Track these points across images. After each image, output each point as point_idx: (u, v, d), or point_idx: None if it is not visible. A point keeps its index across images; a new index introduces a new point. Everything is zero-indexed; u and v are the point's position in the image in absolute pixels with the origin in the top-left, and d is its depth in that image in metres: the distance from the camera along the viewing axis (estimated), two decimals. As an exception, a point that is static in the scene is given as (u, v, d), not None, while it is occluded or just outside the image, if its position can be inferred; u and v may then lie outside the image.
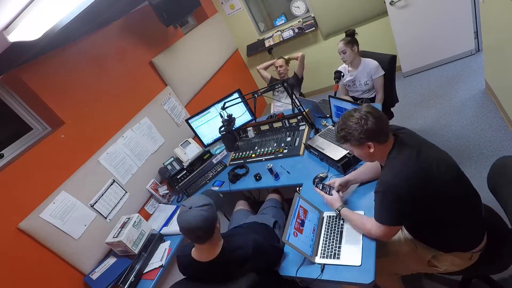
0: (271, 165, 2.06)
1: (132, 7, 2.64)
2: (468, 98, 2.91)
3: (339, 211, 1.46)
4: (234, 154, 2.53)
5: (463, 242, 1.26)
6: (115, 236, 1.93)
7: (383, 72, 2.34)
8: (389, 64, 2.38)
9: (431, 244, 1.33)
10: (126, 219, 2.03)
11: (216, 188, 2.28)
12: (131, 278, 1.78)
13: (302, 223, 1.48)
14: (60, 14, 1.14)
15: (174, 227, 2.07)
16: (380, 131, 1.18)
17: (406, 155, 1.17)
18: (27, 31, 1.11)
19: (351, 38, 2.33)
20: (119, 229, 1.96)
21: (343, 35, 2.42)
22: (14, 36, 1.09)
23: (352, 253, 1.34)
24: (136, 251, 1.92)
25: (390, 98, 2.50)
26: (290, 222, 1.42)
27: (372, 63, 2.36)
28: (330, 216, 1.55)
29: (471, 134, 2.53)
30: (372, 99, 2.48)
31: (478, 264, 1.31)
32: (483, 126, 2.53)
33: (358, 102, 2.32)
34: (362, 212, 1.47)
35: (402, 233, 1.45)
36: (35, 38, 1.18)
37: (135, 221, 2.00)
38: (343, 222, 1.49)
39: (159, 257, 1.91)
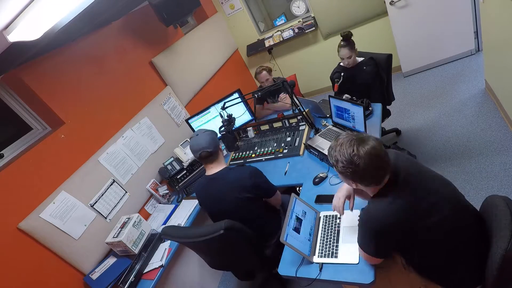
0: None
1: (132, 7, 2.64)
2: (468, 98, 2.91)
3: None
4: (234, 154, 2.53)
5: (458, 280, 1.16)
6: (115, 236, 1.93)
7: None
8: (385, 63, 2.38)
9: (424, 274, 1.24)
10: (126, 219, 2.03)
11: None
12: (131, 278, 1.78)
13: (300, 223, 1.48)
14: (60, 14, 1.14)
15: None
16: (369, 178, 1.09)
17: (398, 193, 1.09)
18: (27, 31, 1.11)
19: (351, 42, 2.32)
20: (119, 229, 1.96)
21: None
22: (14, 36, 1.09)
23: (349, 251, 1.34)
24: (136, 251, 1.92)
25: (387, 96, 2.50)
26: (288, 222, 1.42)
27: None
28: (326, 216, 1.56)
29: (471, 134, 2.53)
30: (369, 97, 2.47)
31: None
32: (483, 126, 2.53)
33: (358, 102, 2.31)
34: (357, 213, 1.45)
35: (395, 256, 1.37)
36: (35, 38, 1.18)
37: (135, 221, 2.00)
38: (340, 221, 1.50)
39: (159, 257, 1.91)
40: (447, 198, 1.12)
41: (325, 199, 1.67)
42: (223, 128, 2.10)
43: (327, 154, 1.22)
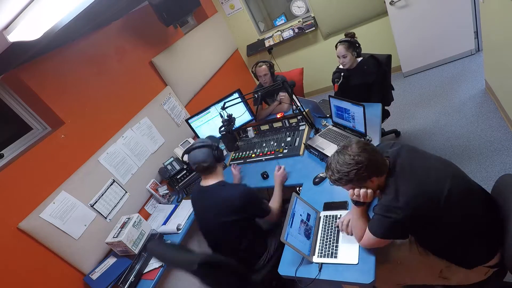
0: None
1: (132, 7, 2.64)
2: (468, 98, 2.91)
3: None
4: (234, 154, 2.53)
5: (478, 255, 1.18)
6: (115, 236, 1.93)
7: None
8: (385, 63, 2.37)
9: (444, 256, 1.26)
10: (126, 219, 2.03)
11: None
12: (131, 278, 1.78)
13: (300, 223, 1.48)
14: (60, 14, 1.14)
15: (172, 225, 2.07)
16: (381, 164, 1.17)
17: (404, 177, 1.14)
18: (27, 31, 1.11)
19: (351, 42, 2.28)
20: (119, 229, 1.96)
21: (343, 36, 2.38)
22: (14, 36, 1.09)
23: (349, 251, 1.34)
24: (136, 251, 1.92)
25: (386, 97, 2.49)
26: (288, 222, 1.42)
27: None
28: (326, 216, 1.56)
29: (471, 134, 2.53)
30: (368, 99, 2.46)
31: (492, 278, 1.24)
32: (483, 126, 2.53)
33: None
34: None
35: (410, 240, 1.39)
36: (35, 38, 1.18)
37: (135, 221, 1.99)
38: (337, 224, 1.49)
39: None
40: (456, 181, 1.15)
41: (333, 207, 1.62)
42: (223, 128, 2.10)
43: (331, 181, 1.23)
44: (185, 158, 1.79)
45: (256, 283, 1.69)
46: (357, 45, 2.28)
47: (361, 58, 2.37)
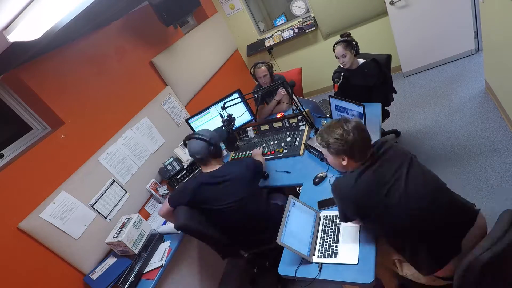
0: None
1: (132, 7, 2.64)
2: (468, 98, 2.91)
3: None
4: (234, 154, 2.53)
5: (424, 261, 1.21)
6: (115, 236, 1.93)
7: None
8: (385, 63, 2.37)
9: (393, 247, 1.33)
10: (126, 219, 2.03)
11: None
12: (131, 278, 1.78)
13: (298, 224, 1.48)
14: (60, 14, 1.14)
15: (172, 226, 2.07)
16: (358, 150, 1.24)
17: (368, 172, 1.22)
18: (27, 31, 1.11)
19: (348, 41, 2.28)
20: (119, 229, 1.96)
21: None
22: (14, 36, 1.09)
23: (349, 251, 1.35)
24: (136, 251, 1.92)
25: (386, 97, 2.49)
26: (285, 223, 1.43)
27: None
28: (326, 216, 1.56)
29: (471, 134, 2.53)
30: (368, 99, 2.46)
31: None
32: (483, 126, 2.53)
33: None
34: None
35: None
36: (35, 38, 1.18)
37: (135, 221, 1.99)
38: (340, 222, 1.49)
39: (159, 257, 1.91)
40: (420, 185, 1.19)
41: (327, 204, 1.65)
42: (223, 128, 2.10)
43: (317, 138, 1.34)
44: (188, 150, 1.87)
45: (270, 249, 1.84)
46: (354, 43, 2.29)
47: (364, 60, 2.37)
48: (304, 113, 2.21)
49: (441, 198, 1.19)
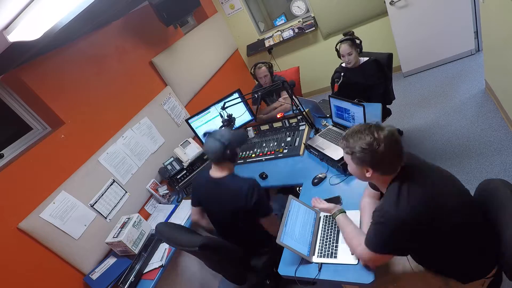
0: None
1: (132, 7, 2.64)
2: (468, 98, 2.91)
3: (335, 217, 1.43)
4: (234, 154, 2.53)
5: (476, 269, 1.14)
6: (115, 236, 1.93)
7: None
8: (387, 61, 2.37)
9: (442, 272, 1.21)
10: (126, 219, 2.03)
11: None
12: (131, 278, 1.78)
13: (297, 224, 1.48)
14: (60, 14, 1.14)
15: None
16: (387, 164, 1.08)
17: (411, 185, 1.06)
18: (27, 31, 1.11)
19: (352, 39, 2.28)
20: (119, 229, 1.96)
21: (342, 36, 2.38)
22: (14, 36, 1.09)
23: (349, 252, 1.34)
24: (136, 251, 1.92)
25: (387, 96, 2.50)
26: (285, 223, 1.43)
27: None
28: (326, 216, 1.56)
29: (471, 134, 2.53)
30: (368, 99, 2.46)
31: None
32: (483, 126, 2.53)
33: (355, 100, 2.30)
34: (357, 213, 1.46)
35: (408, 258, 1.31)
36: (35, 38, 1.18)
37: (135, 221, 2.00)
38: None
39: (159, 257, 1.91)
40: (456, 192, 1.11)
41: (330, 202, 1.61)
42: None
43: (341, 142, 1.17)
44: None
45: (256, 267, 1.77)
46: (358, 41, 2.29)
47: (366, 59, 2.36)
48: (304, 113, 2.21)
49: (469, 194, 1.17)
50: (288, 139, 2.34)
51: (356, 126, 1.14)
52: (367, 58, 2.36)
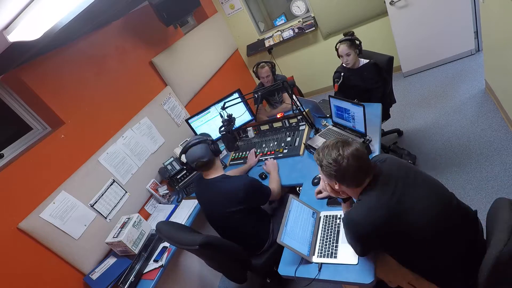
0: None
1: (132, 7, 2.64)
2: (468, 98, 2.91)
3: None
4: (234, 154, 2.53)
5: (455, 277, 1.15)
6: (115, 236, 1.93)
7: None
8: (387, 65, 2.37)
9: (413, 269, 1.26)
10: (126, 219, 2.03)
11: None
12: (131, 278, 1.78)
13: (298, 224, 1.48)
14: (60, 14, 1.14)
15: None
16: (351, 178, 1.17)
17: (378, 196, 1.14)
18: (27, 31, 1.11)
19: (352, 40, 2.27)
20: (119, 229, 1.96)
21: (342, 36, 2.38)
22: (14, 36, 1.09)
23: (349, 252, 1.34)
24: (136, 251, 1.92)
25: (388, 99, 2.49)
26: (285, 223, 1.43)
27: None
28: (327, 216, 1.56)
29: (471, 134, 2.53)
30: (368, 99, 2.46)
31: None
32: (483, 126, 2.53)
33: (355, 100, 2.31)
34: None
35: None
36: (35, 38, 1.18)
37: (135, 221, 1.99)
38: (340, 221, 1.50)
39: (159, 257, 1.91)
40: (434, 201, 1.13)
41: (336, 201, 1.61)
42: (223, 128, 2.10)
43: (315, 154, 1.26)
44: (183, 158, 1.80)
45: (256, 266, 1.78)
46: (358, 42, 2.29)
47: (367, 61, 2.35)
48: (304, 113, 2.21)
49: (451, 201, 1.18)
50: (288, 139, 2.34)
51: (328, 141, 1.24)
52: (367, 61, 2.35)
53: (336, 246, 1.40)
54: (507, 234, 0.95)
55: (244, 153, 2.47)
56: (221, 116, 2.13)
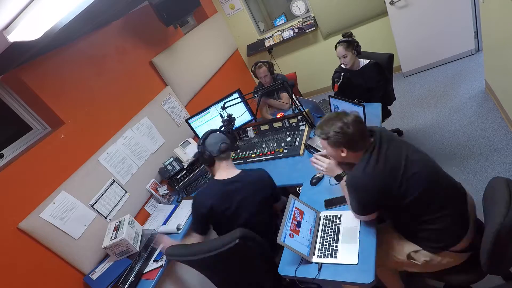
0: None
1: (132, 7, 2.64)
2: (468, 98, 2.91)
3: (340, 180, 1.50)
4: (234, 154, 2.53)
5: (439, 237, 1.28)
6: (113, 238, 1.90)
7: None
8: (387, 63, 2.37)
9: (410, 237, 1.37)
10: (117, 223, 2.00)
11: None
12: (131, 278, 1.77)
13: (298, 224, 1.48)
14: (60, 14, 1.14)
15: (172, 225, 2.07)
16: (357, 141, 1.30)
17: (378, 156, 1.26)
18: (27, 31, 1.11)
19: (349, 41, 2.27)
20: (114, 232, 1.94)
21: (341, 37, 2.38)
22: (14, 36, 1.09)
23: (348, 252, 1.34)
24: (138, 248, 1.92)
25: (388, 97, 2.49)
26: (285, 223, 1.42)
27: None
28: (326, 216, 1.56)
29: (471, 134, 2.53)
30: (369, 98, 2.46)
31: (458, 268, 1.33)
32: (483, 126, 2.53)
33: (355, 100, 2.31)
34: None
35: (388, 223, 1.51)
36: (35, 38, 1.18)
37: (129, 221, 1.99)
38: (340, 221, 1.50)
39: (159, 257, 1.91)
40: (425, 167, 1.27)
41: (333, 203, 1.62)
42: (223, 128, 2.10)
43: (316, 130, 1.38)
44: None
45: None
46: (355, 43, 2.28)
47: (367, 61, 2.35)
48: (304, 113, 2.21)
49: (440, 170, 1.32)
50: (288, 139, 2.34)
51: (326, 115, 1.38)
52: (368, 61, 2.35)
53: (336, 246, 1.40)
54: (505, 208, 1.05)
55: (244, 153, 2.47)
56: (221, 116, 2.13)
